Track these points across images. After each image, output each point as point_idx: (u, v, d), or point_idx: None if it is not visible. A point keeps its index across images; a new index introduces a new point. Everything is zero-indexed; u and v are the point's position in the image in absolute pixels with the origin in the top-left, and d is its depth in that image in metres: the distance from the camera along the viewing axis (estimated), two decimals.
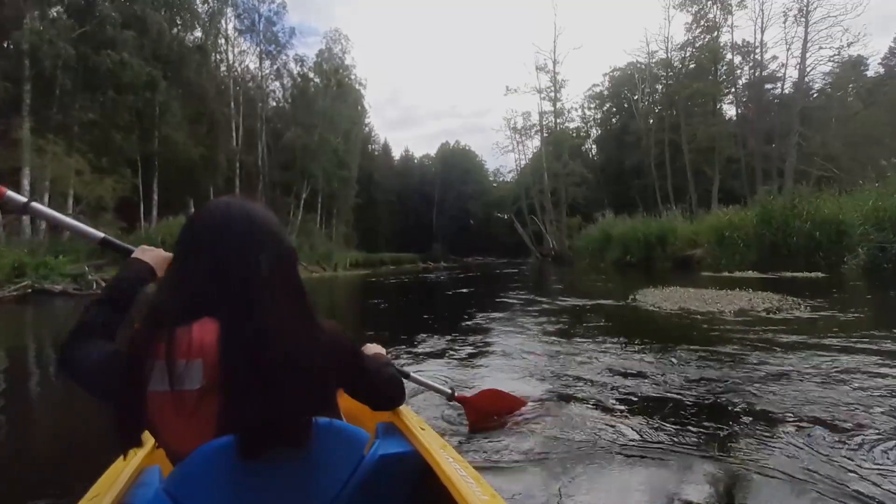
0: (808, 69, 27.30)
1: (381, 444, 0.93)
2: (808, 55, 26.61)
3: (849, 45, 25.57)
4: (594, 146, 46.34)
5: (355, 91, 34.86)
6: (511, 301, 7.77)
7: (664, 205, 30.52)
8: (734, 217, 12.07)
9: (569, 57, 53.91)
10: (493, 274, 18.41)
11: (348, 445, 0.76)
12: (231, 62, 28.87)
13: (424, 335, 4.45)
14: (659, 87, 36.57)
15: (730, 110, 33.37)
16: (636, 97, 39.73)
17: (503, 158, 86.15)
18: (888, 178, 10.27)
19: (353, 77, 34.34)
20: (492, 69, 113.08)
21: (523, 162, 43.87)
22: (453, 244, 54.60)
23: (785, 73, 29.97)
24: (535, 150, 42.11)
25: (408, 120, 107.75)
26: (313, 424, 0.70)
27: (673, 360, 3.15)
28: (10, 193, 1.01)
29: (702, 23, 30.24)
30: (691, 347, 3.41)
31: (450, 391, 1.91)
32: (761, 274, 9.28)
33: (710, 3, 29.25)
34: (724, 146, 29.49)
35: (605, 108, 44.56)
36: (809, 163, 25.93)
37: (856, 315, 4.71)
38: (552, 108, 34.45)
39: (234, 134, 27.16)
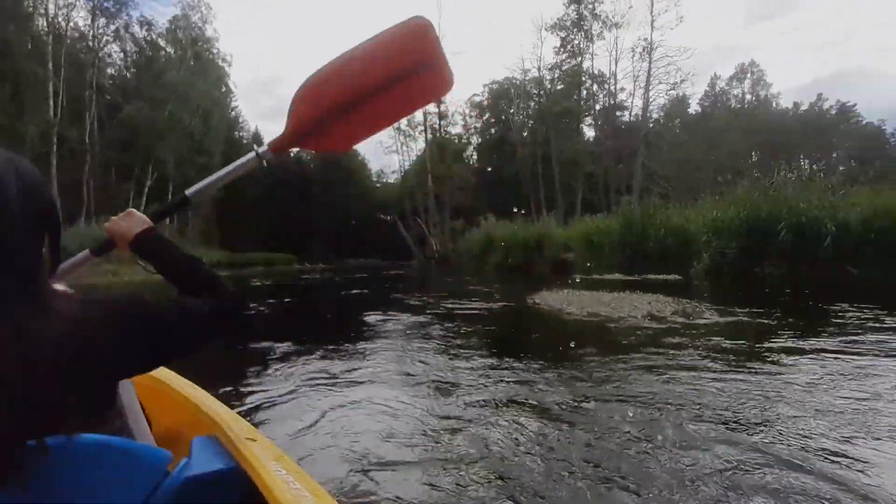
0: (650, 100, 31.73)
1: (190, 463, 0.79)
2: (651, 88, 30.98)
3: (681, 81, 30.23)
4: (475, 153, 48.29)
5: (218, 68, 30.81)
6: (400, 305, 7.03)
7: (537, 213, 32.94)
8: (601, 224, 13.09)
9: (452, 61, 55.22)
10: (376, 276, 17.44)
11: (134, 469, 0.61)
12: (53, 15, 23.18)
13: (290, 346, 3.88)
14: (532, 103, 39.46)
15: (589, 131, 37.63)
16: (512, 110, 42.42)
17: (387, 159, 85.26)
18: (724, 193, 11.96)
19: (215, 51, 30.24)
20: None
21: (407, 164, 43.63)
22: (333, 245, 51.83)
23: (632, 103, 34.56)
24: (419, 153, 42.26)
25: (283, 111, 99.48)
26: (59, 447, 0.52)
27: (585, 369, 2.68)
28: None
29: (568, 48, 33.30)
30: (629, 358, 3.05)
31: (254, 153, 1.15)
32: (626, 276, 9.99)
33: (575, 30, 32.33)
34: (585, 162, 32.88)
35: (484, 117, 46.71)
36: (651, 181, 30.23)
37: (767, 318, 4.87)
38: (437, 110, 34.67)
39: (51, 101, 21.79)
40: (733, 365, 3.03)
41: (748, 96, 52.36)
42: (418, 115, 36.21)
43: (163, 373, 1.26)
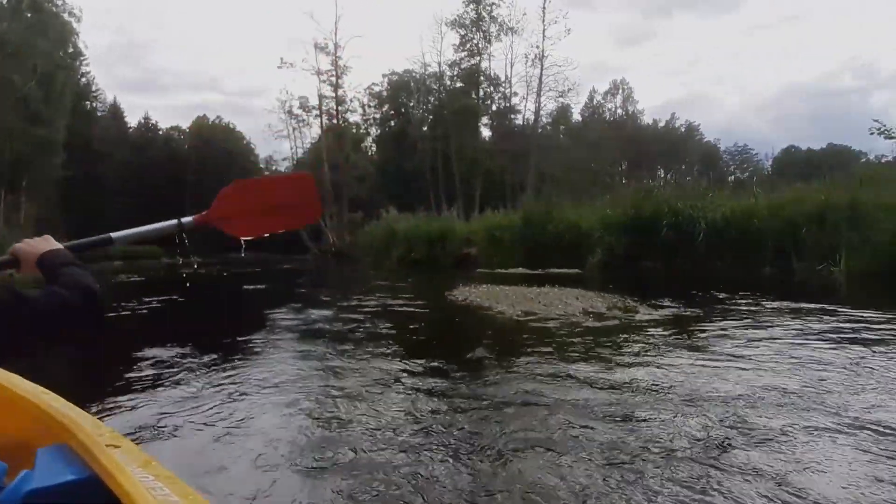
0: (542, 105, 33.93)
1: (31, 475, 0.72)
2: (542, 94, 33.12)
3: (567, 90, 32.76)
4: (374, 145, 47.16)
5: (63, 23, 25.47)
6: (304, 302, 6.34)
7: (437, 208, 33.28)
8: (503, 219, 13.53)
9: (351, 45, 52.94)
10: (268, 271, 15.96)
11: None
12: None
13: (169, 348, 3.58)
14: (432, 98, 39.69)
15: (485, 131, 39.09)
16: (412, 104, 42.27)
17: (276, 144, 78.95)
18: (611, 195, 13.12)
19: (59, 3, 24.96)
20: (265, 48, 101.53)
21: (301, 151, 40.98)
22: (213, 237, 46.24)
23: (525, 107, 36.59)
24: (313, 140, 39.90)
25: (151, 85, 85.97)
26: None
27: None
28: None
29: (467, 46, 34.04)
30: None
31: (175, 221, 1.47)
32: (529, 270, 10.42)
33: (474, 29, 33.14)
34: (484, 160, 34.08)
35: (384, 109, 45.82)
36: (542, 181, 32.49)
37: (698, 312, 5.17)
38: (333, 95, 32.87)
39: None
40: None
41: (619, 110, 58.94)
42: (313, 98, 34.02)
43: (2, 376, 1.14)
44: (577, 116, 52.50)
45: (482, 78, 35.37)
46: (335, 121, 33.82)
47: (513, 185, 34.01)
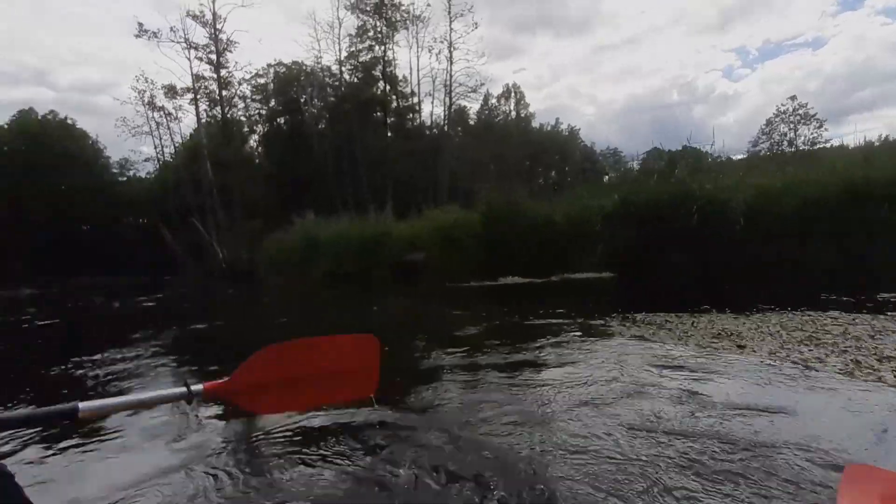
0: (453, 101, 32.52)
1: None
2: (452, 90, 31.70)
3: (480, 85, 31.78)
4: (260, 147, 41.47)
5: None
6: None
7: (345, 211, 29.75)
8: (460, 217, 11.26)
9: (235, 17, 45.88)
10: (128, 301, 11.58)
11: None
12: None
13: None
14: (329, 90, 35.88)
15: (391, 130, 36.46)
16: (303, 99, 37.92)
17: (134, 144, 66.44)
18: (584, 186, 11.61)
19: None
20: (108, 32, 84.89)
21: (169, 151, 34.16)
22: (50, 260, 36.62)
23: (432, 103, 34.84)
24: (184, 138, 33.39)
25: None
26: None
27: None
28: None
29: (369, 34, 31.24)
30: None
31: (185, 389, 1.17)
32: (522, 278, 8.30)
33: (376, 17, 30.46)
34: (394, 159, 31.52)
35: (270, 104, 40.53)
36: (454, 181, 31.08)
37: None
38: (214, 76, 27.47)
39: None
40: None
41: (513, 113, 60.82)
42: (186, 79, 28.03)
43: None
44: (472, 118, 52.88)
45: (386, 70, 32.73)
46: (218, 108, 28.34)
47: (424, 187, 32.05)
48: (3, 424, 0.90)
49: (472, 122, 51.59)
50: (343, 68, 33.33)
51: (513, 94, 60.96)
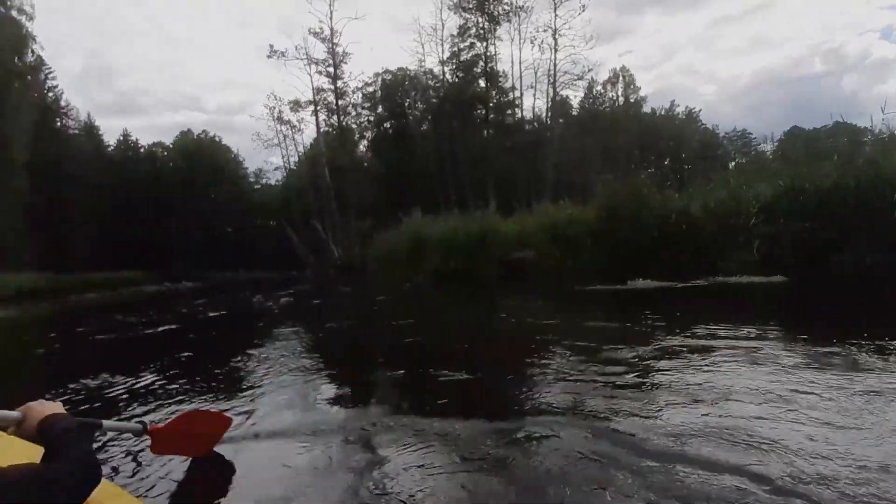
0: (557, 92, 31.14)
1: None
2: (556, 80, 30.33)
3: (588, 71, 30.01)
4: (368, 152, 44.06)
5: (16, 25, 22.09)
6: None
7: (448, 210, 30.13)
8: (574, 213, 10.51)
9: (349, 30, 49.30)
10: (266, 295, 12.88)
11: None
12: None
13: None
14: (431, 92, 36.71)
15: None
16: (407, 102, 39.33)
17: (266, 155, 75.57)
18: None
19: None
20: (244, 63, 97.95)
21: (294, 160, 37.87)
22: (202, 258, 42.91)
23: (534, 96, 33.72)
24: (306, 147, 36.77)
25: (129, 107, 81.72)
26: None
27: None
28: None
29: (471, 31, 31.19)
30: None
31: (140, 425, 1.82)
32: (656, 281, 7.33)
33: (478, 13, 30.29)
34: (496, 156, 31.17)
35: (378, 111, 42.83)
36: (558, 175, 29.73)
37: None
38: (332, 87, 29.70)
39: None
40: None
41: (621, 99, 56.53)
42: (307, 92, 30.78)
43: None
44: (576, 109, 50.10)
45: (487, 67, 32.42)
46: (335, 117, 30.63)
47: (526, 183, 31.18)
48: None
49: (574, 113, 49.15)
50: (445, 69, 33.85)
51: (621, 79, 56.76)
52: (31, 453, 0.89)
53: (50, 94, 33.73)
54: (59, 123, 35.50)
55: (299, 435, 2.43)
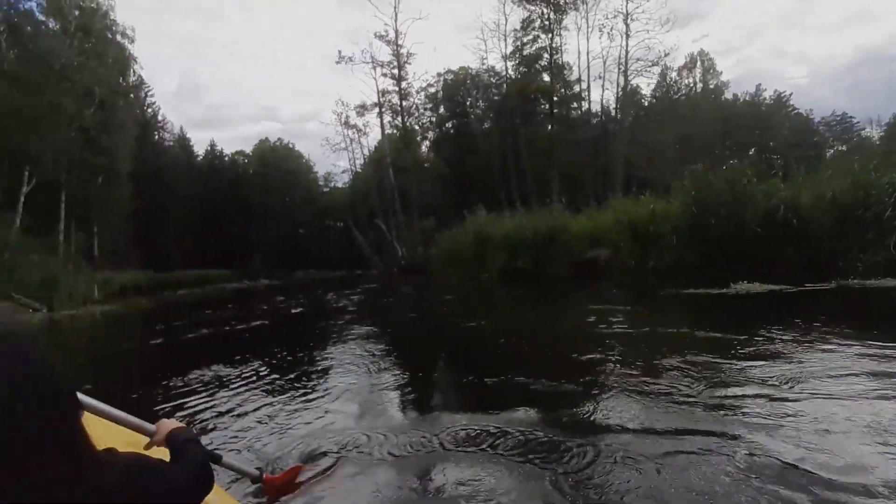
0: (629, 79, 29.37)
1: None
2: (629, 67, 28.59)
3: (665, 55, 28.09)
4: (430, 151, 44.40)
5: (119, 47, 24.66)
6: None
7: (510, 208, 29.45)
8: (657, 207, 9.58)
9: (412, 31, 50.20)
10: (337, 294, 13.18)
11: None
12: None
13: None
14: (493, 90, 36.16)
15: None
16: (468, 101, 39.08)
17: (334, 159, 79.36)
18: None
19: (112, 25, 24.07)
20: (315, 73, 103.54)
21: (360, 162, 39.06)
22: (278, 257, 45.79)
23: (603, 86, 32.05)
24: (371, 150, 37.78)
25: (214, 120, 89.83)
26: None
27: None
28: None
29: (536, 23, 30.25)
30: None
31: (257, 472, 1.85)
32: (764, 285, 6.37)
33: (542, 4, 29.28)
34: (562, 151, 30.01)
35: (439, 111, 43.03)
36: (630, 170, 27.98)
37: None
38: (396, 88, 30.19)
39: None
40: None
41: (699, 85, 52.33)
42: (372, 95, 31.52)
43: None
44: (649, 98, 47.05)
45: (551, 61, 31.28)
46: (399, 119, 31.14)
47: (594, 178, 29.71)
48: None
49: (646, 103, 46.21)
50: (507, 64, 33.15)
51: (699, 64, 52.60)
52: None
53: (149, 111, 37.45)
54: (157, 137, 39.31)
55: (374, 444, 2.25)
